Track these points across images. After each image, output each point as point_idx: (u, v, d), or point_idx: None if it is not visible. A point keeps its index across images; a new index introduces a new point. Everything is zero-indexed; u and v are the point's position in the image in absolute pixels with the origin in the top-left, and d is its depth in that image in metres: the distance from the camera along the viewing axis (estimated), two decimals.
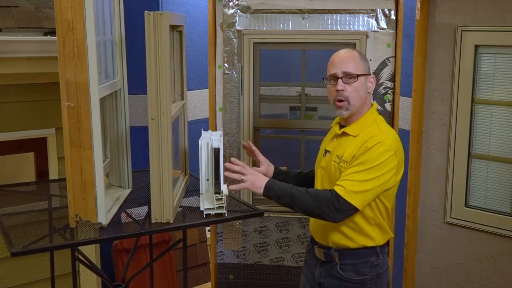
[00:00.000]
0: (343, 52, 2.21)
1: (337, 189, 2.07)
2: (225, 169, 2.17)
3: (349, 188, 2.05)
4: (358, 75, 2.15)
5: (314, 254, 2.29)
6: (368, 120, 2.20)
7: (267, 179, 2.17)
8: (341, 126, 2.25)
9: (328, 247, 2.22)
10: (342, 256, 2.19)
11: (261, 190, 2.13)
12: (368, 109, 2.22)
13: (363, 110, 2.21)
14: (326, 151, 2.27)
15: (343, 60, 2.16)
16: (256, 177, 2.16)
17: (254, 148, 2.46)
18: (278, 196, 2.13)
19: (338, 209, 2.05)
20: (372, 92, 2.26)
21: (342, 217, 2.08)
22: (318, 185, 2.28)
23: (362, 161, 2.08)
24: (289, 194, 2.11)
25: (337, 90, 2.15)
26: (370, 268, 2.18)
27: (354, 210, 2.07)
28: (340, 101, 2.16)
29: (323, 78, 2.24)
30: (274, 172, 2.43)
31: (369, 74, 2.22)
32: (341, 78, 2.15)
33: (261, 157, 2.45)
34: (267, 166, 2.43)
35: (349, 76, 2.14)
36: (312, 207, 2.08)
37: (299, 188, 2.12)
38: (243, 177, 2.14)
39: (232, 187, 2.14)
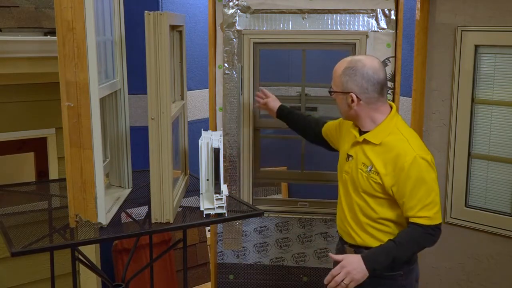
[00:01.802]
0: (338, 63, 2.23)
1: (423, 221, 2.08)
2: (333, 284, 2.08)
3: (430, 213, 2.08)
4: (334, 92, 2.22)
5: (345, 252, 2.28)
6: (389, 126, 2.16)
7: (360, 264, 2.06)
8: (360, 132, 2.23)
9: (357, 246, 2.23)
10: None
11: (366, 276, 2.07)
12: (386, 116, 2.18)
13: (377, 119, 2.17)
14: (349, 156, 2.25)
15: (333, 72, 2.23)
16: (353, 270, 2.05)
17: (266, 92, 2.81)
18: (382, 265, 2.10)
19: (435, 235, 2.12)
20: (363, 106, 2.14)
21: (438, 238, 2.14)
22: (342, 189, 2.29)
23: (414, 185, 2.07)
24: (390, 258, 2.08)
25: None
26: (401, 263, 2.17)
27: (441, 225, 2.14)
28: None
29: None
30: (278, 108, 2.72)
31: (347, 93, 2.13)
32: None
33: (270, 96, 2.80)
34: (274, 98, 2.78)
35: (330, 90, 2.25)
36: (414, 250, 2.14)
37: (389, 247, 2.10)
38: (344, 281, 2.04)
39: None
